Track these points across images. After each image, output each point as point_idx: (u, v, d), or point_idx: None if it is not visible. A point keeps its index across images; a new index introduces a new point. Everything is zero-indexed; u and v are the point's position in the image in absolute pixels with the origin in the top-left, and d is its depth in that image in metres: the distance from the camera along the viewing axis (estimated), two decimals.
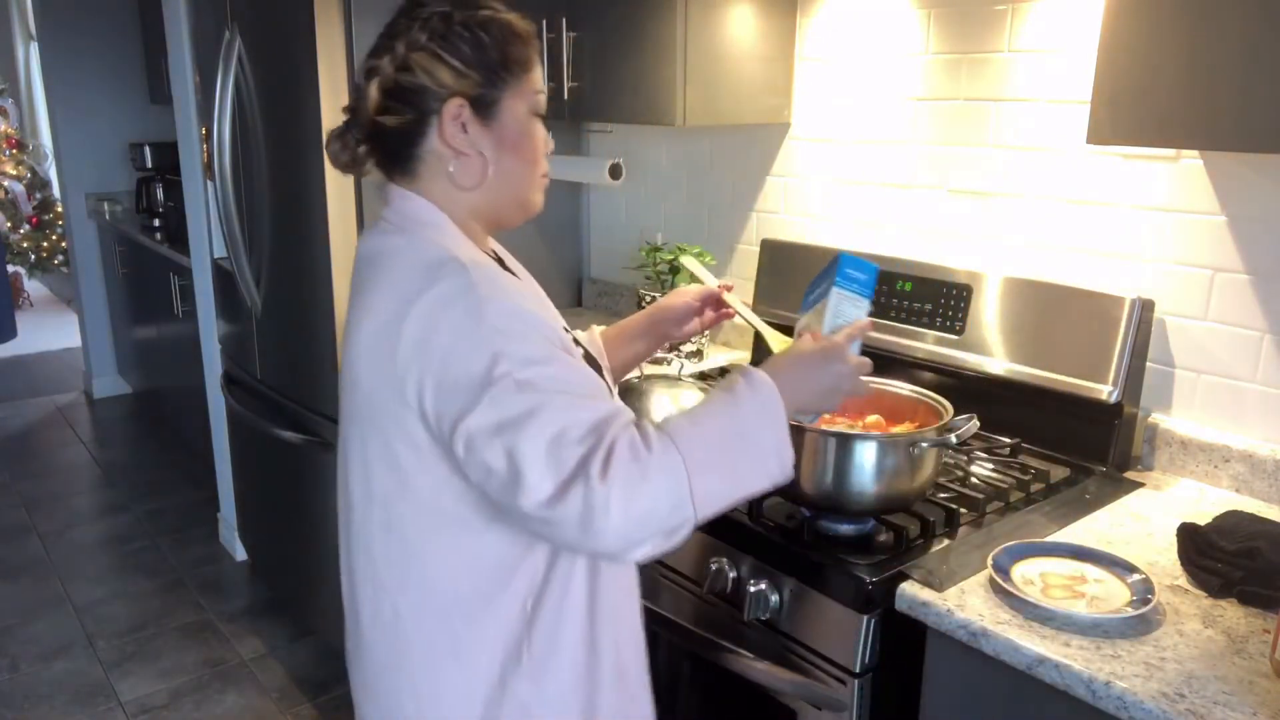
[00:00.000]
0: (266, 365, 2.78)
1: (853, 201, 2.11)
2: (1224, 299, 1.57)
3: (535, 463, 0.92)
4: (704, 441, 0.96)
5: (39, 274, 6.73)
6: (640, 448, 0.93)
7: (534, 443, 0.92)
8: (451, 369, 0.95)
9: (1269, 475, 1.53)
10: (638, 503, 0.92)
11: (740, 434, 0.98)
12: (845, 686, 1.31)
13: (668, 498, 0.93)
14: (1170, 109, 1.23)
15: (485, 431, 0.93)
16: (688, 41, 1.95)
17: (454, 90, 1.03)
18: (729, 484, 0.97)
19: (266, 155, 2.53)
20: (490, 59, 1.03)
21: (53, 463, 4.34)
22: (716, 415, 0.99)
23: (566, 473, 0.92)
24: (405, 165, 1.07)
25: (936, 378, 1.84)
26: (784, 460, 1.00)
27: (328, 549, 2.61)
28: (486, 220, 1.12)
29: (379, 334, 1.00)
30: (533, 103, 1.08)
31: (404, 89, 1.03)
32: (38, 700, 2.65)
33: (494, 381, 0.93)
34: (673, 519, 0.94)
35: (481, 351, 0.94)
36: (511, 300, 0.97)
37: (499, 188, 1.08)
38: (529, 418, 0.92)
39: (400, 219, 1.07)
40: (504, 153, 1.06)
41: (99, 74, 4.84)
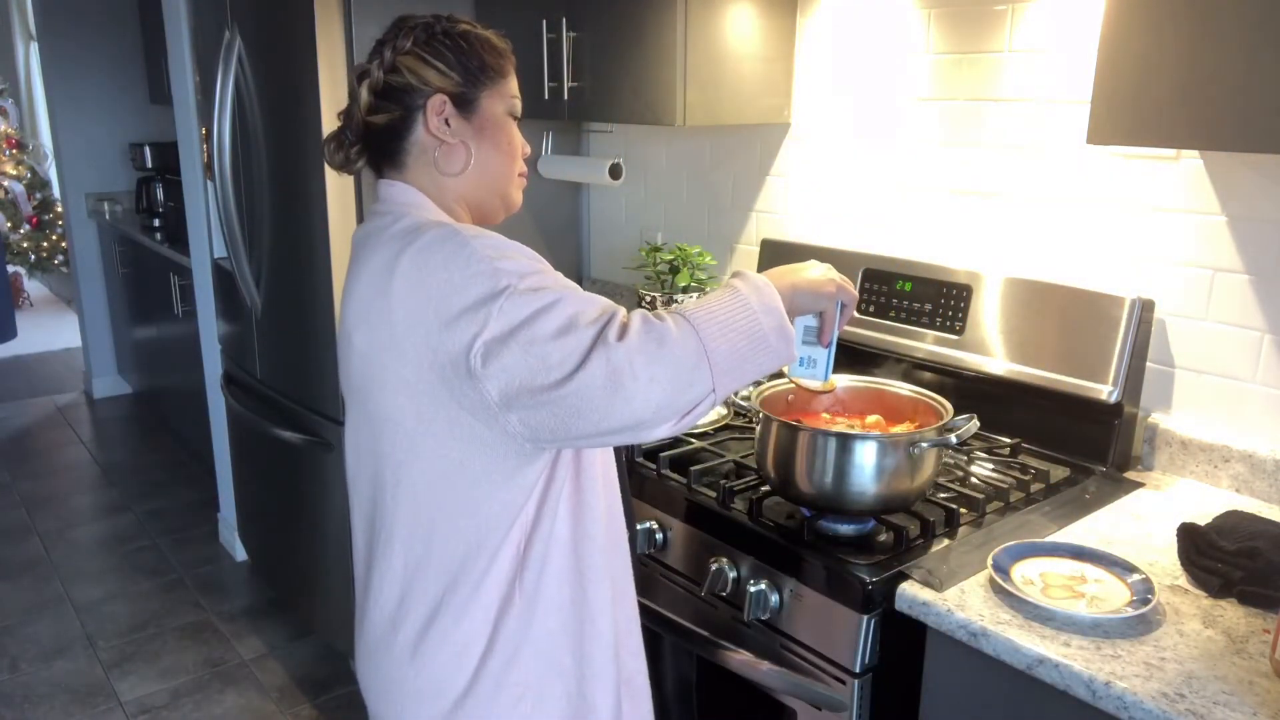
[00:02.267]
0: (266, 365, 2.78)
1: (852, 201, 2.11)
2: (1224, 299, 1.57)
3: (554, 345, 0.97)
4: (711, 318, 1.02)
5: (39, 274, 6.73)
6: (653, 320, 0.99)
7: (549, 329, 0.97)
8: (452, 301, 0.99)
9: (1269, 475, 1.53)
10: (660, 365, 0.97)
11: (743, 313, 1.04)
12: (845, 686, 1.31)
13: (688, 359, 0.98)
14: (1170, 109, 1.23)
15: (500, 338, 0.97)
16: (688, 41, 1.95)
17: (437, 88, 1.12)
18: (740, 358, 1.03)
19: (266, 155, 2.53)
20: (469, 63, 1.14)
21: (53, 463, 4.34)
22: (720, 300, 1.04)
23: (586, 343, 0.97)
24: (394, 158, 1.15)
25: (936, 378, 1.84)
26: (786, 337, 1.06)
27: (328, 549, 2.61)
28: (470, 209, 1.18)
29: (370, 298, 1.05)
30: (509, 105, 1.17)
31: (392, 89, 1.12)
32: (38, 700, 2.65)
33: (497, 295, 0.98)
34: (695, 385, 0.99)
35: (479, 277, 0.99)
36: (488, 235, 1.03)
37: (479, 176, 1.16)
38: (540, 314, 0.97)
39: (388, 205, 1.14)
40: (483, 144, 1.15)
41: (99, 74, 4.84)
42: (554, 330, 0.97)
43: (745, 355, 1.03)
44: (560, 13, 2.16)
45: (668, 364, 0.97)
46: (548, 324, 0.97)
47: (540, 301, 0.98)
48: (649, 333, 0.98)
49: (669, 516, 1.59)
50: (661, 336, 0.98)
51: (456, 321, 0.99)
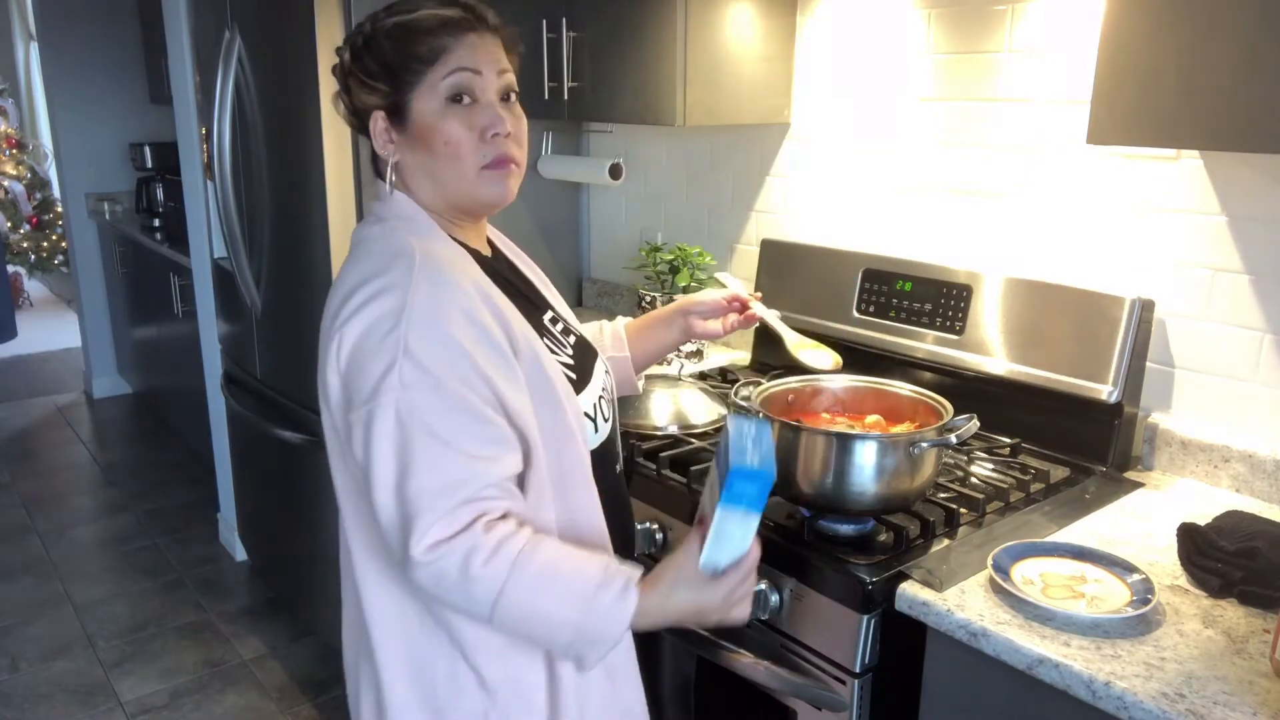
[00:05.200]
0: (266, 365, 2.78)
1: (852, 201, 2.11)
2: (1224, 299, 1.57)
3: (382, 488, 0.99)
4: (532, 600, 1.00)
5: (39, 274, 6.73)
6: (475, 563, 0.97)
7: (385, 470, 0.99)
8: (356, 360, 1.01)
9: (1269, 475, 1.53)
10: (444, 592, 1.01)
11: (566, 621, 1.01)
12: (845, 686, 1.31)
13: (467, 606, 1.02)
14: (1170, 109, 1.23)
15: (358, 434, 1.01)
16: (688, 41, 1.95)
17: (373, 105, 1.10)
18: (526, 635, 1.04)
19: (266, 155, 2.53)
20: (392, 65, 1.07)
21: (53, 463, 4.34)
22: (564, 592, 1.00)
23: (400, 516, 0.98)
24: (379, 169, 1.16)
25: (936, 378, 1.84)
26: (582, 663, 1.05)
27: (328, 549, 2.61)
28: (448, 213, 1.14)
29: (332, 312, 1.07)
30: (442, 89, 1.06)
31: (354, 110, 1.13)
32: (38, 700, 2.65)
33: (378, 393, 0.99)
34: (467, 612, 1.04)
35: (382, 356, 0.99)
36: (439, 316, 1.00)
37: (432, 188, 1.11)
38: (387, 444, 0.98)
39: (382, 210, 1.13)
40: (418, 152, 1.09)
41: (99, 74, 4.84)
42: (388, 477, 0.99)
43: (535, 642, 1.07)
44: (560, 13, 2.16)
45: (452, 596, 1.01)
46: (386, 465, 0.99)
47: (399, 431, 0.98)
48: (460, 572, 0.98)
49: (669, 516, 1.59)
50: (462, 583, 0.98)
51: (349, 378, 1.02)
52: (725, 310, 1.46)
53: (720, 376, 2.11)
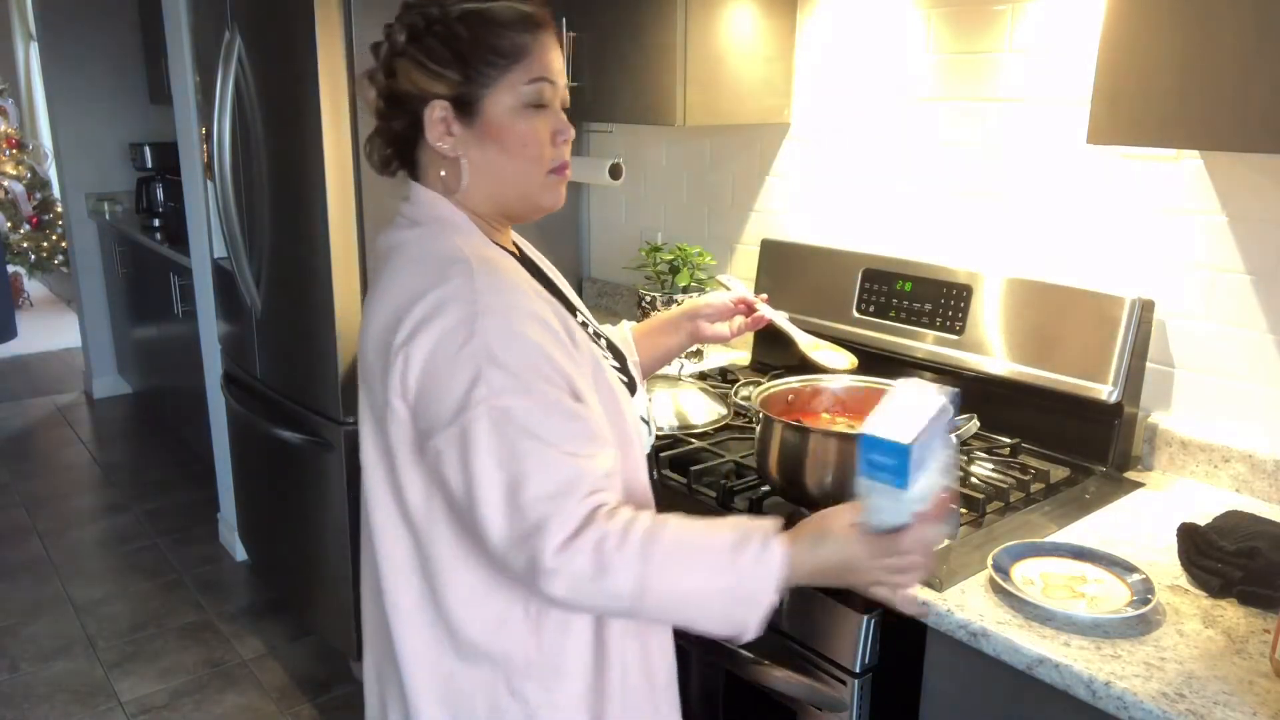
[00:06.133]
0: (266, 365, 2.78)
1: (853, 201, 2.11)
2: (1224, 299, 1.57)
3: (492, 504, 0.93)
4: (674, 578, 0.94)
5: (39, 274, 6.73)
6: (608, 550, 0.91)
7: (492, 484, 0.92)
8: (433, 377, 0.95)
9: (1269, 475, 1.53)
10: (583, 595, 0.93)
11: (714, 590, 0.95)
12: (845, 686, 1.31)
13: (609, 603, 0.94)
14: (1170, 109, 1.23)
15: (451, 453, 0.94)
16: (688, 41, 1.95)
17: (434, 93, 1.01)
18: (677, 618, 0.98)
19: (266, 155, 2.53)
20: (469, 55, 1.00)
21: (53, 463, 4.34)
22: (706, 558, 0.94)
23: (519, 531, 0.92)
24: (413, 166, 1.09)
25: (936, 378, 1.83)
26: (745, 629, 0.96)
27: (328, 549, 2.61)
28: (494, 217, 1.10)
29: (387, 327, 0.99)
30: (525, 94, 1.02)
31: (394, 94, 1.04)
32: (38, 700, 2.65)
33: (469, 405, 0.93)
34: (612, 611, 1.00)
35: (465, 368, 0.93)
36: (512, 318, 0.96)
37: (491, 189, 1.06)
38: (492, 455, 0.92)
39: (414, 213, 1.07)
40: (488, 151, 1.04)
41: (99, 74, 4.83)
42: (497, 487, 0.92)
43: (684, 620, 0.97)
44: (560, 12, 2.16)
45: (590, 598, 0.94)
46: (493, 475, 0.92)
47: (498, 439, 0.92)
48: (594, 561, 0.91)
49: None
50: (601, 572, 0.91)
51: (429, 398, 0.96)
52: (732, 313, 1.45)
53: (720, 376, 2.11)
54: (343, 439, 2.44)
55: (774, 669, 1.38)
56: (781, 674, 1.37)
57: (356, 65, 2.25)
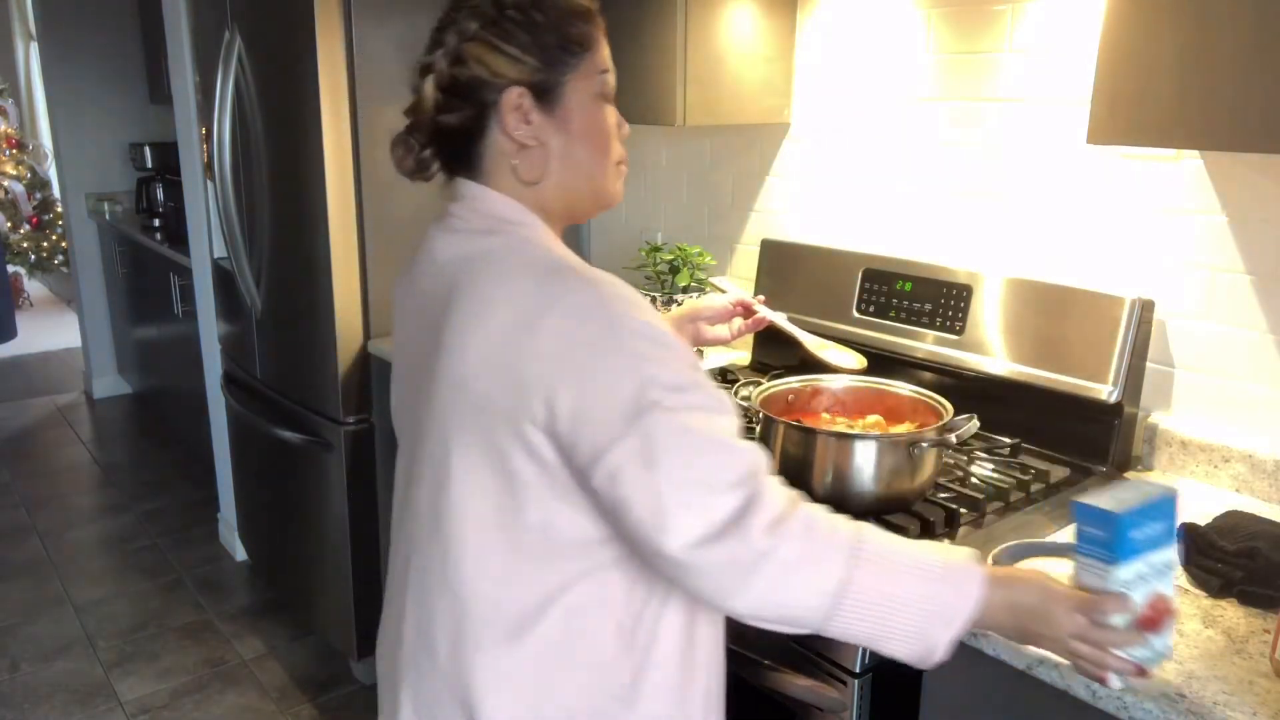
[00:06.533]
0: (266, 365, 2.78)
1: (853, 201, 2.11)
2: (1224, 299, 1.57)
3: (686, 504, 0.86)
4: (885, 576, 0.88)
5: (39, 274, 6.73)
6: (822, 532, 0.88)
7: (686, 482, 0.86)
8: (592, 392, 0.88)
9: (1269, 475, 1.53)
10: (785, 587, 0.87)
11: (918, 599, 0.89)
12: (845, 686, 1.31)
13: (811, 601, 0.87)
14: (1170, 109, 1.23)
15: (633, 466, 0.87)
16: (688, 41, 1.95)
17: (512, 79, 0.97)
18: (868, 629, 0.90)
19: (266, 155, 2.53)
20: (547, 40, 0.97)
21: (53, 463, 4.34)
22: (913, 566, 0.90)
23: (721, 519, 0.86)
24: (472, 162, 1.01)
25: (936, 378, 1.84)
26: (934, 652, 0.91)
27: (328, 549, 2.61)
28: (560, 215, 1.05)
29: (500, 345, 0.91)
30: (599, 85, 1.01)
31: (460, 83, 0.98)
32: (38, 700, 2.65)
33: (642, 412, 0.86)
34: (802, 614, 0.89)
35: (626, 378, 0.87)
36: (646, 316, 0.91)
37: (568, 180, 1.02)
38: (680, 454, 0.86)
39: (481, 219, 1.00)
40: (570, 141, 1.00)
41: (99, 74, 4.84)
42: (691, 485, 0.86)
43: (878, 627, 0.89)
44: None
45: (798, 587, 0.86)
46: (686, 472, 0.86)
47: (682, 436, 0.86)
48: (807, 541, 0.87)
49: None
50: (808, 558, 0.86)
51: (594, 415, 0.87)
52: (731, 315, 1.44)
53: (720, 376, 2.11)
54: (343, 439, 2.44)
55: (774, 670, 1.38)
56: (781, 674, 1.37)
57: (356, 65, 2.26)
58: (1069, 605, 0.91)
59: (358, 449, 2.46)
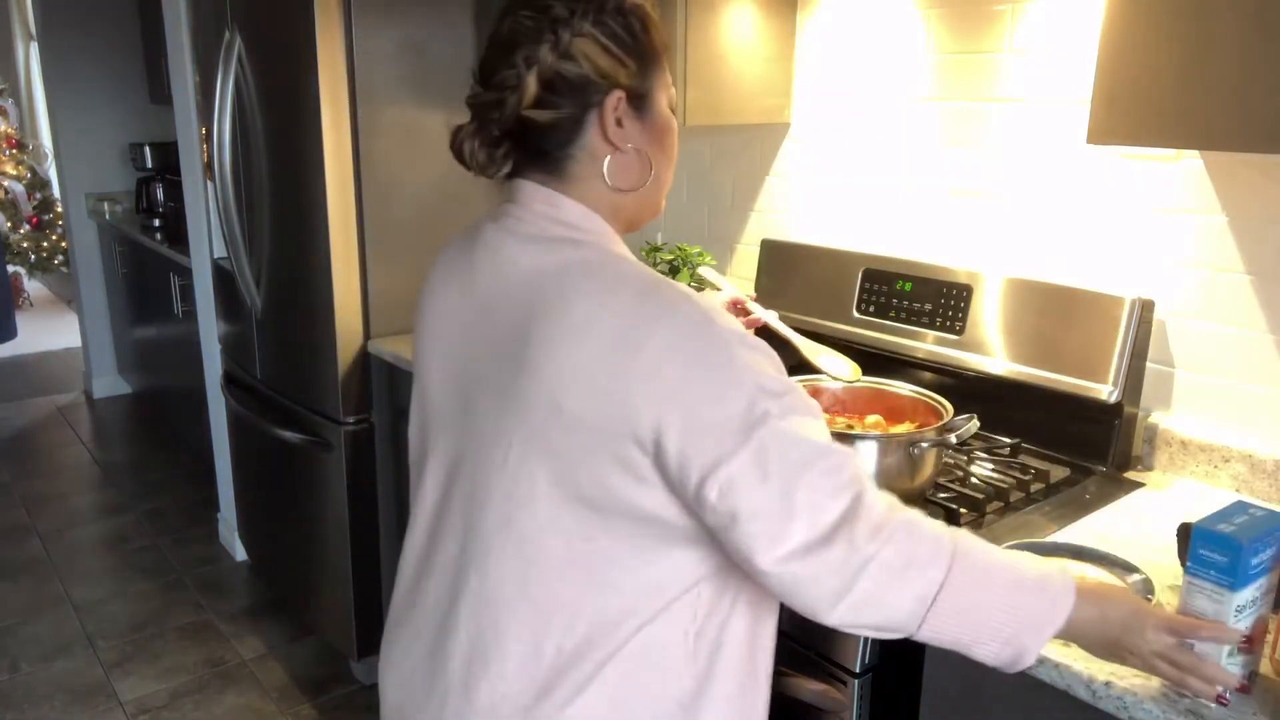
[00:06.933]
0: (266, 365, 2.78)
1: (853, 201, 2.11)
2: (1224, 299, 1.57)
3: (798, 513, 0.86)
4: (980, 582, 0.89)
5: (39, 274, 6.73)
6: (922, 536, 0.88)
7: (798, 489, 0.86)
8: (704, 409, 0.87)
9: (1269, 475, 1.53)
10: (886, 590, 0.87)
11: (1012, 606, 0.90)
12: (845, 686, 1.31)
13: (907, 605, 0.88)
14: (1170, 109, 1.23)
15: (748, 478, 0.86)
16: (688, 41, 1.95)
17: (614, 81, 0.95)
18: (965, 630, 0.90)
19: (266, 155, 2.53)
20: (642, 47, 0.97)
21: (53, 463, 4.34)
22: (1010, 572, 0.91)
23: (829, 524, 0.86)
24: (553, 164, 0.98)
25: (936, 378, 1.84)
26: (1023, 658, 0.91)
27: (328, 549, 2.61)
28: (627, 223, 1.03)
29: (601, 361, 0.89)
30: (670, 95, 1.02)
31: (565, 80, 0.94)
32: (38, 700, 2.65)
33: (755, 424, 0.86)
34: (898, 618, 0.89)
35: (738, 391, 0.87)
36: (736, 325, 0.91)
37: (650, 188, 1.01)
38: (791, 463, 0.86)
39: (559, 226, 0.97)
40: (656, 149, 1.00)
41: (99, 74, 4.84)
42: (805, 492, 0.86)
43: (970, 630, 0.90)
44: None
45: (895, 591, 0.87)
46: (801, 481, 0.86)
47: (795, 446, 0.86)
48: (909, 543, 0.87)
49: None
50: (910, 562, 0.86)
51: (706, 431, 0.86)
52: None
53: None
54: (343, 439, 2.44)
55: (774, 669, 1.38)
56: (782, 675, 1.37)
57: (357, 65, 2.26)
58: (1158, 624, 0.93)
59: (358, 449, 2.46)
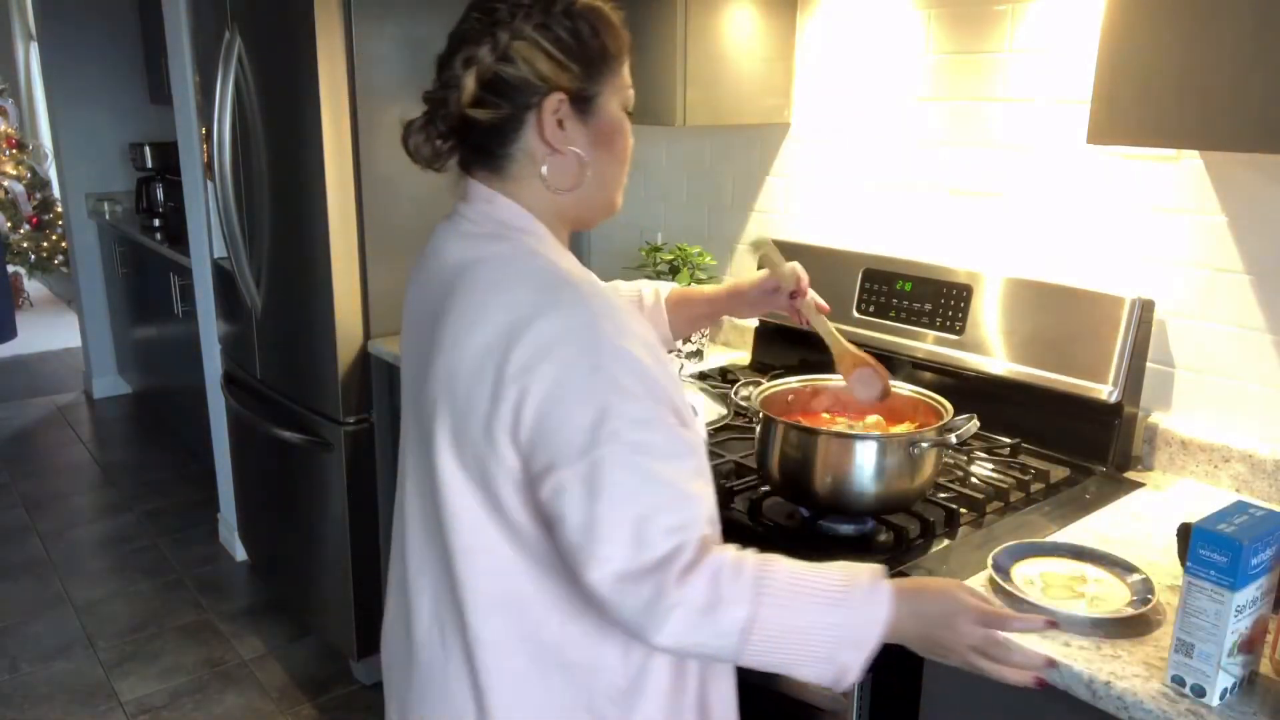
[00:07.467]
0: (266, 365, 2.78)
1: (853, 201, 2.11)
2: (1224, 299, 1.57)
3: (614, 541, 0.88)
4: (787, 612, 0.92)
5: (39, 274, 6.73)
6: (726, 578, 0.90)
7: (619, 519, 0.88)
8: (556, 410, 0.89)
9: (1269, 475, 1.53)
10: (696, 629, 0.90)
11: (823, 628, 0.92)
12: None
13: (720, 640, 0.91)
14: (1170, 109, 1.23)
15: (576, 488, 0.89)
16: (688, 41, 1.95)
17: (554, 84, 0.97)
18: (781, 658, 0.94)
19: (266, 155, 2.53)
20: (589, 51, 0.98)
21: (53, 463, 4.34)
22: (817, 596, 0.93)
23: (645, 563, 0.88)
24: (494, 163, 1.01)
25: (936, 378, 1.84)
26: (846, 675, 0.94)
27: (328, 549, 2.61)
28: (571, 222, 1.06)
29: (488, 353, 0.92)
30: (625, 98, 1.03)
31: (503, 81, 0.96)
32: (38, 700, 2.65)
33: (598, 442, 0.88)
34: (716, 650, 0.92)
35: (589, 405, 0.89)
36: (630, 345, 0.92)
37: (591, 190, 1.03)
38: (623, 489, 0.88)
39: (491, 223, 1.01)
40: (600, 151, 1.01)
41: (99, 74, 4.84)
42: (626, 522, 0.88)
43: (788, 660, 0.93)
44: None
45: (705, 631, 0.90)
46: (625, 509, 0.88)
47: (630, 473, 0.88)
48: (713, 590, 0.89)
49: None
50: (717, 604, 0.89)
51: (552, 432, 0.90)
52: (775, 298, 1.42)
53: (720, 376, 2.11)
54: (343, 439, 2.44)
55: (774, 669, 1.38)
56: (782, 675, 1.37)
57: (356, 65, 2.26)
58: (971, 617, 0.95)
59: (358, 449, 2.46)
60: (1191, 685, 0.99)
